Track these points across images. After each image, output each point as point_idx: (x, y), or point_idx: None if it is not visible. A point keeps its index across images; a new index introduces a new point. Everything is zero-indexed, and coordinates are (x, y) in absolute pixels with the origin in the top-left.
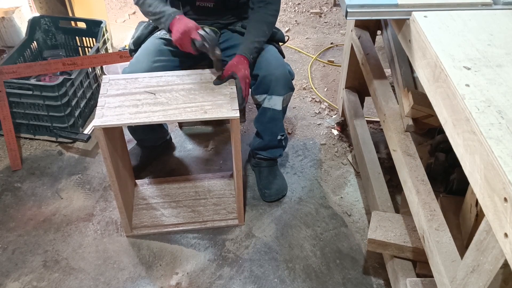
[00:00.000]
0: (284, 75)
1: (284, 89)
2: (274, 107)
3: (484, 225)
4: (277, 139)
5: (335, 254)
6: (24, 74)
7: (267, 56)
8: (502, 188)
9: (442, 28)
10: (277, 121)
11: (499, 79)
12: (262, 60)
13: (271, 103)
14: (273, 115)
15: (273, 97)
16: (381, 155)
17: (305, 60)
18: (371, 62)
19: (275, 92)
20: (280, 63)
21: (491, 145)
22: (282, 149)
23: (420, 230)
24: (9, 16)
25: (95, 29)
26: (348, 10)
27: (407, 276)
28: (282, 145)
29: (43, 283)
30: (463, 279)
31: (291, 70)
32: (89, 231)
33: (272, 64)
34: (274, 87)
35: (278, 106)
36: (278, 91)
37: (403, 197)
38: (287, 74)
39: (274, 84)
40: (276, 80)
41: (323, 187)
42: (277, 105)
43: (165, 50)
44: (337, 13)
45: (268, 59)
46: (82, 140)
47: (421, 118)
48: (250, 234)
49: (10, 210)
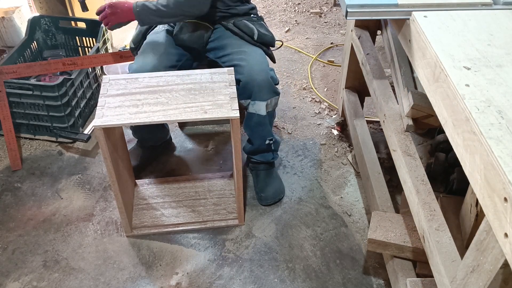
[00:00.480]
0: (265, 81)
1: (267, 94)
2: (258, 112)
3: (484, 225)
4: (265, 143)
5: (335, 254)
6: (24, 74)
7: (250, 60)
8: (502, 188)
9: (442, 28)
10: (263, 126)
11: (499, 79)
12: (244, 65)
13: (255, 108)
14: (259, 120)
15: (256, 102)
16: (381, 155)
17: (305, 60)
18: (371, 62)
19: (258, 98)
20: (262, 69)
21: (491, 145)
22: (272, 153)
23: (420, 230)
24: (9, 16)
25: (95, 29)
26: (348, 10)
27: (407, 276)
28: (271, 149)
29: (43, 283)
30: (463, 279)
31: (274, 75)
32: (89, 231)
33: (254, 70)
34: (256, 93)
35: (262, 111)
36: (260, 96)
37: (403, 197)
38: (269, 79)
39: (257, 90)
40: (258, 86)
41: (323, 187)
42: (261, 110)
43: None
44: (337, 13)
45: (250, 64)
46: (82, 140)
47: (421, 118)
48: (250, 234)
49: (10, 210)
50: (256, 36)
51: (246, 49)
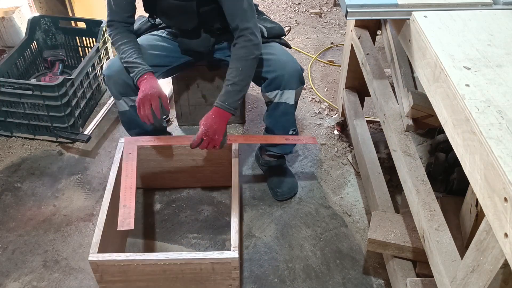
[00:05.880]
0: (296, 70)
1: (296, 83)
2: (287, 101)
3: (484, 225)
4: (289, 133)
5: (335, 254)
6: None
7: (276, 53)
8: (502, 188)
9: (442, 28)
10: (289, 116)
11: (499, 79)
12: (271, 59)
13: (284, 97)
14: (286, 109)
15: (286, 91)
16: (381, 155)
17: (305, 60)
18: (371, 62)
19: (288, 86)
20: (289, 59)
21: (491, 145)
22: (293, 145)
23: (420, 230)
24: (9, 16)
25: (95, 29)
26: (348, 10)
27: (407, 276)
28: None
29: (43, 283)
30: (463, 279)
31: (300, 65)
32: (89, 231)
33: (282, 61)
34: (287, 83)
35: (291, 100)
36: (290, 85)
37: (403, 197)
38: (298, 69)
39: (287, 79)
40: (289, 76)
41: (323, 187)
42: (289, 99)
43: (159, 46)
44: (337, 13)
45: (278, 57)
46: (82, 140)
47: (421, 118)
48: (250, 234)
49: (10, 210)
50: (266, 32)
51: (264, 44)
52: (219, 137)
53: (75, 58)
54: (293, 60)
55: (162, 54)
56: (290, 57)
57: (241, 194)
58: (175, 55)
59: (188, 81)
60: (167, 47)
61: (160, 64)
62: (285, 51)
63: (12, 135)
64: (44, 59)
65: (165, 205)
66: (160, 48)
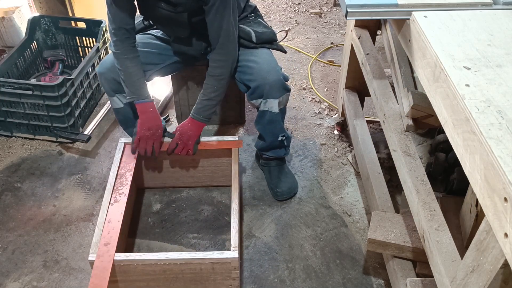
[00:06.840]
0: (277, 80)
1: (279, 92)
2: (271, 109)
3: (484, 225)
4: (278, 140)
5: (335, 254)
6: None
7: (258, 61)
8: (502, 188)
9: (442, 28)
10: (275, 123)
11: (499, 79)
12: (253, 67)
13: (268, 106)
14: (271, 118)
15: (269, 100)
16: (381, 155)
17: (305, 60)
18: (371, 62)
19: (270, 96)
20: (271, 68)
21: (491, 145)
22: (285, 148)
23: (420, 230)
24: (9, 16)
25: (95, 29)
26: (348, 10)
27: (407, 276)
28: (285, 145)
29: (43, 283)
30: (463, 279)
31: (284, 73)
32: (89, 231)
33: (264, 70)
34: (268, 92)
35: (275, 108)
36: (273, 94)
37: (403, 197)
38: (280, 78)
39: (268, 89)
40: (270, 85)
41: (323, 187)
42: (273, 108)
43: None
44: (337, 13)
45: (259, 65)
46: (82, 140)
47: (421, 118)
48: (250, 234)
49: (10, 210)
50: (254, 38)
51: (252, 50)
52: (192, 142)
53: (75, 58)
54: (276, 69)
55: (155, 52)
56: (272, 65)
57: (241, 194)
58: (168, 53)
59: (187, 81)
60: (160, 45)
61: (154, 62)
62: (269, 59)
63: (12, 135)
64: (44, 59)
65: (165, 205)
66: (154, 46)
